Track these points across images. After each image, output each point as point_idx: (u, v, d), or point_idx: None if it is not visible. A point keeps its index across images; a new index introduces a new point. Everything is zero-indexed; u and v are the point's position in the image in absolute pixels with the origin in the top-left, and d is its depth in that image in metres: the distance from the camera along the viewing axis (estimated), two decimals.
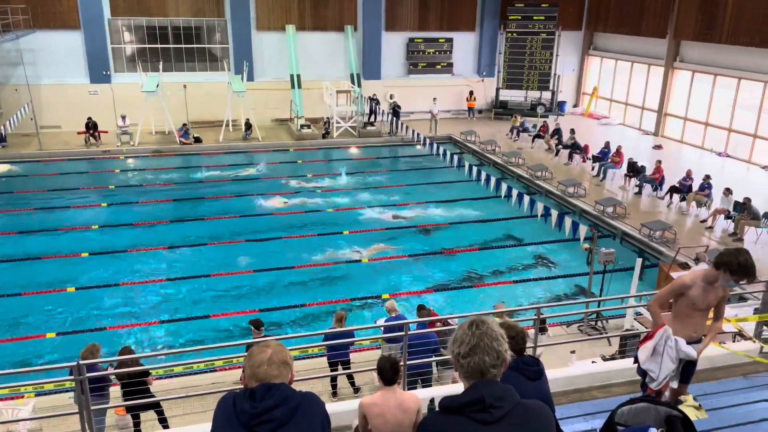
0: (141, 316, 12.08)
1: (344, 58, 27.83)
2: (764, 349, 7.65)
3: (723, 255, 4.35)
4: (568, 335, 10.36)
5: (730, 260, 4.26)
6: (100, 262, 14.32)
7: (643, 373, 4.87)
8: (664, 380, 4.72)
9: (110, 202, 18.36)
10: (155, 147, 23.65)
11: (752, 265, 4.27)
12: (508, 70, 28.82)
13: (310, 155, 23.97)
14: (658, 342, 4.75)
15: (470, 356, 2.30)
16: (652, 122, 26.22)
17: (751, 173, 20.52)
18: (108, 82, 25.42)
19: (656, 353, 4.77)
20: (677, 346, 4.72)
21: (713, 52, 22.97)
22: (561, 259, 14.70)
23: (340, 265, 14.30)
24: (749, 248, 14.22)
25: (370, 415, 4.81)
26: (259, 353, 2.53)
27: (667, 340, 4.76)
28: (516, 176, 20.71)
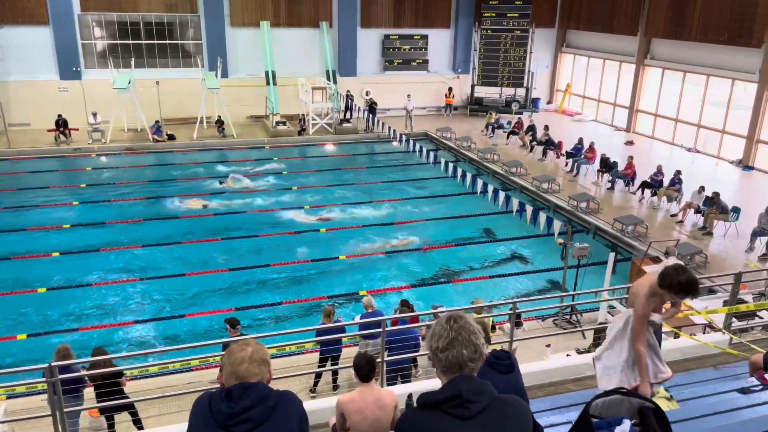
0: (114, 316, 11.91)
1: (320, 54, 27.71)
2: (734, 341, 7.85)
3: (665, 277, 4.35)
4: (543, 329, 10.49)
5: (672, 282, 4.29)
6: (72, 261, 14.08)
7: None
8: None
9: (81, 201, 18.04)
10: (127, 145, 23.29)
11: (693, 281, 4.30)
12: (482, 67, 29.00)
13: (286, 152, 23.84)
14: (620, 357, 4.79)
15: (448, 350, 2.32)
16: (623, 119, 26.63)
17: (720, 168, 20.97)
18: (78, 79, 24.95)
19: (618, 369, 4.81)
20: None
21: (683, 49, 23.40)
22: (536, 254, 14.86)
23: (316, 263, 14.26)
24: (718, 242, 14.62)
25: (348, 412, 4.82)
26: (240, 351, 2.52)
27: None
28: (491, 172, 20.86)
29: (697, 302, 9.79)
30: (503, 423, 2.28)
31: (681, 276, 4.24)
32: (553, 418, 4.39)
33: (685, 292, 4.28)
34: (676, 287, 4.26)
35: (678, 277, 4.25)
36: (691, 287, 4.24)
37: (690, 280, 4.24)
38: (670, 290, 4.30)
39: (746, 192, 18.12)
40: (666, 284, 4.30)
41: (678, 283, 4.24)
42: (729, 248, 14.17)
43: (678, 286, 4.25)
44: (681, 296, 4.39)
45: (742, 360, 6.68)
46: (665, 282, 4.32)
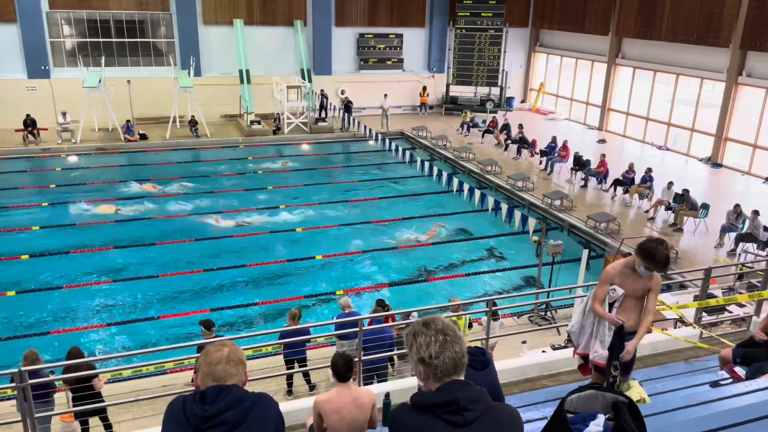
0: (86, 319, 11.69)
1: (294, 53, 27.57)
2: (704, 335, 8.02)
3: (642, 243, 4.76)
4: (519, 326, 10.58)
5: (648, 247, 4.66)
6: (42, 264, 13.79)
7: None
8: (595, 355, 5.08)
9: (51, 202, 17.68)
10: (98, 144, 22.89)
11: (661, 253, 4.61)
12: (457, 66, 29.14)
13: (261, 151, 23.67)
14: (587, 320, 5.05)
15: (443, 353, 2.30)
16: (596, 117, 26.99)
17: (690, 166, 21.39)
18: (47, 78, 24.44)
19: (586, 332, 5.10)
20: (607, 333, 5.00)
21: (653, 49, 23.81)
22: (511, 251, 14.98)
23: (293, 263, 14.18)
24: (688, 238, 14.86)
25: (326, 412, 4.79)
26: (216, 352, 2.49)
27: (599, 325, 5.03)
28: (467, 171, 20.98)
29: (668, 297, 9.97)
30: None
31: (650, 243, 4.66)
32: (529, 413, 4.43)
33: (648, 259, 4.65)
34: (644, 252, 4.64)
35: (648, 244, 4.66)
36: (655, 256, 4.63)
37: (659, 250, 4.62)
38: (638, 254, 4.70)
39: (715, 189, 18.52)
40: (638, 246, 4.71)
41: (646, 249, 4.64)
42: (699, 244, 14.45)
43: (645, 251, 4.64)
44: (645, 263, 4.71)
45: (713, 354, 6.83)
46: (639, 247, 4.69)
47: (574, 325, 5.29)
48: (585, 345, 5.21)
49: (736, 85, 20.50)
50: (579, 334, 5.26)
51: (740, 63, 20.23)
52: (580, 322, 5.24)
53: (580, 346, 5.27)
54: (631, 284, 4.87)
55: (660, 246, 4.62)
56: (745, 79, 20.27)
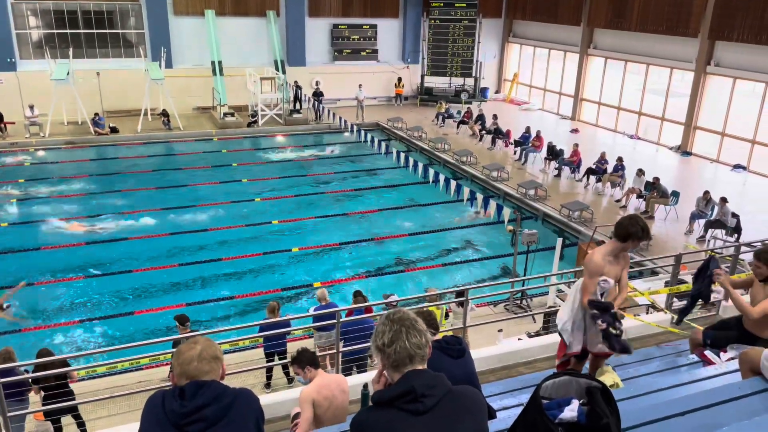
0: (58, 316, 11.50)
1: (267, 44, 27.29)
2: (674, 319, 8.17)
3: (625, 227, 4.71)
4: (495, 314, 10.69)
5: (636, 230, 4.65)
6: (11, 260, 13.50)
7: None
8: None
9: (19, 198, 17.30)
10: (68, 138, 22.43)
11: (644, 223, 4.74)
12: (432, 57, 29.14)
13: (235, 144, 23.44)
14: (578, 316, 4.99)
15: (395, 342, 2.31)
16: (569, 107, 27.26)
17: (660, 154, 21.74)
18: (13, 70, 23.82)
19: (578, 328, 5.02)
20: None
21: (624, 39, 24.10)
22: (487, 241, 15.10)
23: (269, 255, 14.10)
24: (659, 225, 15.12)
25: (318, 401, 4.78)
26: (188, 350, 2.46)
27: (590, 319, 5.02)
28: (442, 162, 21.05)
29: (639, 283, 10.15)
30: (458, 415, 2.29)
31: (639, 222, 4.67)
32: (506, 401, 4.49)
33: (646, 235, 4.72)
34: (640, 233, 4.65)
35: (639, 224, 4.66)
36: (648, 230, 4.73)
37: (646, 224, 4.73)
38: (635, 238, 4.67)
39: (685, 177, 18.88)
40: (629, 233, 4.66)
41: (642, 229, 4.65)
42: (669, 231, 14.73)
43: (642, 231, 4.64)
44: (643, 242, 4.92)
45: (684, 338, 6.98)
46: (628, 231, 4.67)
47: (566, 323, 5.03)
48: (577, 342, 5.02)
49: (705, 74, 20.87)
50: (571, 332, 5.01)
51: (708, 53, 20.59)
52: (572, 319, 5.01)
53: (573, 345, 5.03)
54: (614, 270, 4.94)
55: (637, 219, 4.73)
56: (713, 68, 20.64)
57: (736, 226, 13.53)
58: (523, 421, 2.46)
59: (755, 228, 13.59)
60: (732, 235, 13.51)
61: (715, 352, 5.33)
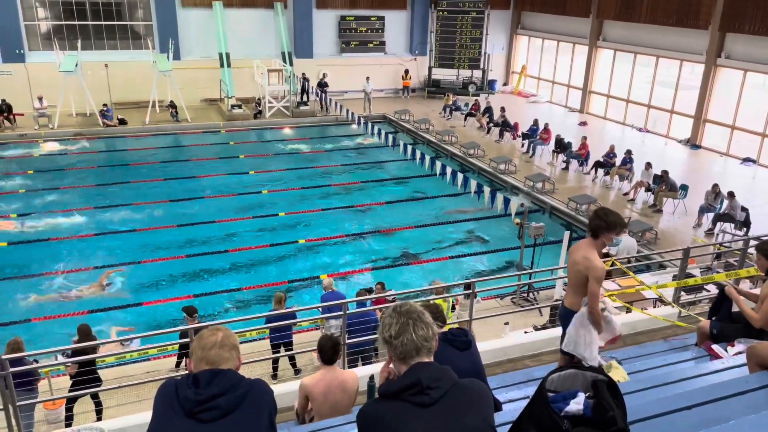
0: (68, 306, 11.58)
1: (275, 36, 27.24)
2: (682, 314, 8.16)
3: (590, 222, 4.81)
4: (502, 307, 10.68)
5: (600, 223, 4.71)
6: (21, 251, 13.61)
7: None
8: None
9: (28, 189, 17.40)
10: (77, 130, 22.51)
11: (618, 215, 4.81)
12: (439, 49, 29.02)
13: (242, 136, 23.46)
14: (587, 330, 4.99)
15: (402, 334, 2.32)
16: (577, 100, 27.10)
17: (669, 147, 21.60)
18: (22, 62, 23.90)
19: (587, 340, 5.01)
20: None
21: (633, 31, 23.90)
22: (494, 234, 15.08)
23: (276, 247, 14.14)
24: (667, 218, 15.06)
25: (312, 395, 4.82)
26: (210, 336, 2.49)
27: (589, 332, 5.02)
28: (450, 154, 21.00)
29: (647, 277, 10.12)
30: (464, 408, 2.29)
31: (611, 216, 4.72)
32: (511, 393, 4.49)
33: (621, 225, 4.80)
34: (615, 225, 4.70)
35: (609, 218, 4.70)
36: (622, 220, 4.81)
37: (618, 215, 4.77)
38: (611, 230, 4.72)
39: (694, 170, 18.75)
40: (596, 227, 4.73)
41: (615, 223, 4.71)
42: (678, 225, 14.66)
43: (614, 224, 4.70)
44: (619, 231, 4.84)
45: (691, 332, 6.95)
46: (603, 227, 4.71)
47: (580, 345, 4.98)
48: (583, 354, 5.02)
49: (715, 66, 20.68)
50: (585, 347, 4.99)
51: (719, 45, 20.39)
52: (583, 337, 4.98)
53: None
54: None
55: (601, 214, 4.76)
56: (723, 60, 20.45)
57: (745, 220, 13.45)
58: (529, 414, 2.47)
59: (764, 222, 13.50)
60: (741, 229, 13.43)
61: (723, 346, 5.32)
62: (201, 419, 2.30)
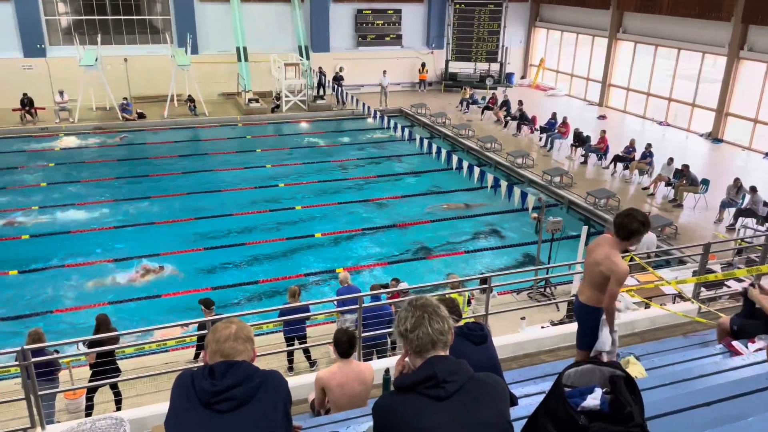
0: (88, 297, 11.75)
1: (292, 30, 27.27)
2: (702, 309, 8.06)
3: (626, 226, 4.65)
4: (518, 302, 10.63)
5: (639, 227, 4.62)
6: (43, 243, 13.82)
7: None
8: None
9: (50, 182, 17.64)
10: (96, 123, 22.76)
11: (643, 214, 4.71)
12: (456, 42, 28.86)
13: (259, 130, 23.56)
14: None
15: (418, 328, 2.32)
16: (596, 93, 26.81)
17: (690, 141, 21.30)
18: (43, 56, 24.21)
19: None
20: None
21: (654, 23, 23.56)
22: (510, 228, 15.00)
23: (292, 241, 14.20)
24: (687, 213, 14.87)
25: (329, 386, 4.83)
26: (224, 329, 2.51)
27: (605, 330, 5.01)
28: (466, 148, 20.90)
29: (666, 273, 10.02)
30: (480, 401, 2.28)
31: (639, 217, 4.64)
32: (528, 388, 4.47)
33: (646, 227, 4.69)
34: (637, 229, 4.62)
35: (637, 219, 4.62)
36: (646, 222, 4.68)
37: (644, 216, 4.67)
38: (638, 234, 4.66)
39: (715, 164, 18.48)
40: (634, 230, 4.63)
41: (642, 223, 4.63)
42: (698, 220, 14.47)
43: (639, 226, 4.62)
44: (644, 233, 4.77)
45: (711, 328, 6.87)
46: (629, 231, 4.64)
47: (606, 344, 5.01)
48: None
49: (738, 59, 20.33)
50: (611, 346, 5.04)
51: (742, 37, 20.03)
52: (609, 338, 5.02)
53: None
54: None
55: (635, 214, 4.68)
56: (746, 53, 20.09)
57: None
58: (545, 409, 2.45)
59: None
60: (763, 224, 13.21)
61: (743, 343, 5.25)
62: (217, 410, 2.32)
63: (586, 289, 5.04)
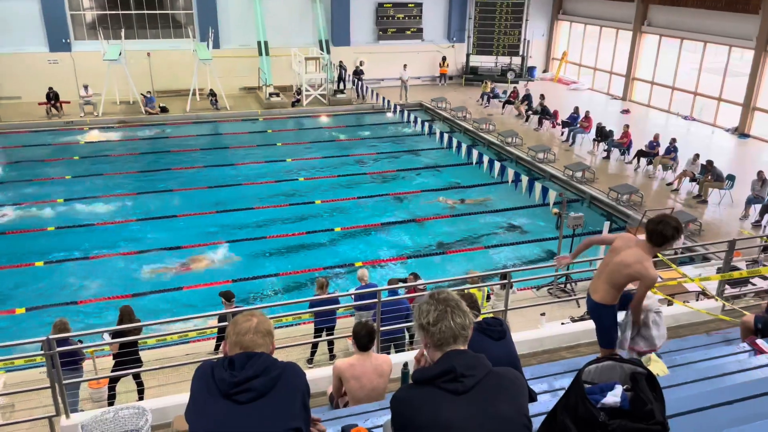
0: (112, 289, 11.93)
1: (312, 24, 27.30)
2: (726, 307, 7.93)
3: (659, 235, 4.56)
4: (538, 298, 10.57)
5: (668, 234, 4.53)
6: (67, 235, 14.06)
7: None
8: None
9: (75, 174, 17.92)
10: (120, 117, 23.06)
11: (678, 222, 4.63)
12: (478, 36, 28.65)
13: (280, 124, 23.66)
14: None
15: (441, 321, 2.33)
16: (620, 87, 26.46)
17: (716, 136, 20.93)
18: (68, 51, 24.57)
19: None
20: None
21: (680, 15, 23.15)
22: (531, 223, 14.89)
23: (311, 235, 14.26)
24: (712, 209, 14.67)
25: (346, 377, 4.85)
26: (245, 321, 2.54)
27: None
28: (487, 143, 20.78)
29: (690, 269, 9.88)
30: (498, 396, 2.28)
31: (672, 223, 4.55)
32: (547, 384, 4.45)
33: (680, 233, 4.62)
34: (672, 236, 4.54)
35: (671, 226, 4.53)
36: (680, 228, 4.61)
37: (677, 222, 4.58)
38: (672, 241, 4.59)
39: (742, 160, 18.14)
40: (669, 236, 4.54)
41: (674, 230, 4.53)
42: (723, 216, 14.23)
43: (674, 233, 4.54)
44: (678, 240, 4.72)
45: (734, 326, 6.76)
46: (664, 238, 4.54)
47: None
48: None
49: (766, 52, 19.90)
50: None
51: None
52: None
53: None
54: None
55: (668, 220, 4.59)
56: None
57: None
58: (565, 405, 2.44)
59: None
60: None
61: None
62: (237, 400, 2.36)
63: (602, 287, 4.94)
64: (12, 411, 7.56)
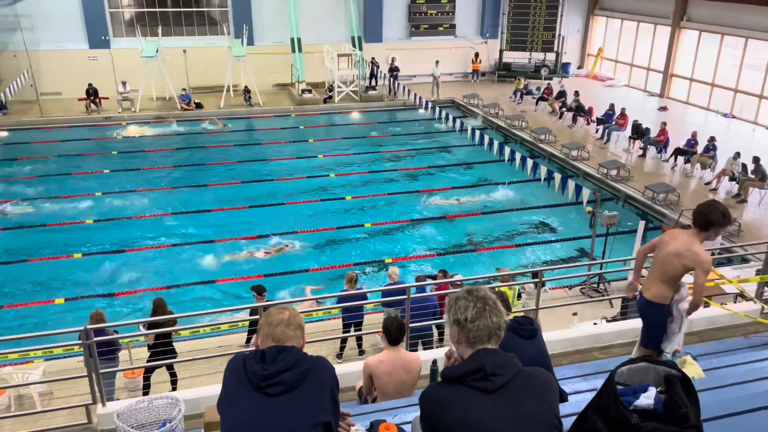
0: (147, 281, 12.19)
1: (345, 20, 27.36)
2: (765, 310, 7.72)
3: (705, 215, 4.57)
4: (570, 297, 10.44)
5: (717, 217, 4.52)
6: (105, 228, 14.41)
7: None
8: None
9: (113, 169, 18.33)
10: (156, 113, 23.49)
11: (723, 207, 4.61)
12: (511, 32, 28.35)
13: (312, 120, 23.80)
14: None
15: (478, 319, 2.32)
16: (657, 83, 25.89)
17: (757, 134, 20.33)
18: (107, 48, 25.12)
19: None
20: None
21: (721, 10, 22.53)
22: (564, 222, 14.70)
23: (342, 230, 14.33)
24: (752, 209, 14.28)
25: (377, 373, 4.87)
26: (277, 314, 2.58)
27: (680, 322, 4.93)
28: (519, 140, 20.57)
29: (728, 271, 9.63)
30: (528, 396, 2.27)
31: (720, 208, 4.55)
32: (579, 385, 4.40)
33: (727, 219, 4.61)
34: (718, 221, 4.54)
35: (719, 210, 4.54)
36: (728, 214, 4.62)
37: (725, 209, 4.59)
38: (717, 226, 4.57)
39: None
40: (712, 221, 4.54)
41: (721, 215, 4.54)
42: (764, 216, 13.83)
43: (720, 218, 4.54)
44: (725, 226, 4.70)
45: None
46: (708, 220, 4.55)
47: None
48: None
49: None
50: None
51: None
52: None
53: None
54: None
55: (716, 205, 4.58)
56: None
57: None
58: (596, 406, 2.40)
59: None
60: None
61: None
62: (268, 393, 2.39)
63: (654, 284, 4.86)
64: (51, 398, 7.80)
